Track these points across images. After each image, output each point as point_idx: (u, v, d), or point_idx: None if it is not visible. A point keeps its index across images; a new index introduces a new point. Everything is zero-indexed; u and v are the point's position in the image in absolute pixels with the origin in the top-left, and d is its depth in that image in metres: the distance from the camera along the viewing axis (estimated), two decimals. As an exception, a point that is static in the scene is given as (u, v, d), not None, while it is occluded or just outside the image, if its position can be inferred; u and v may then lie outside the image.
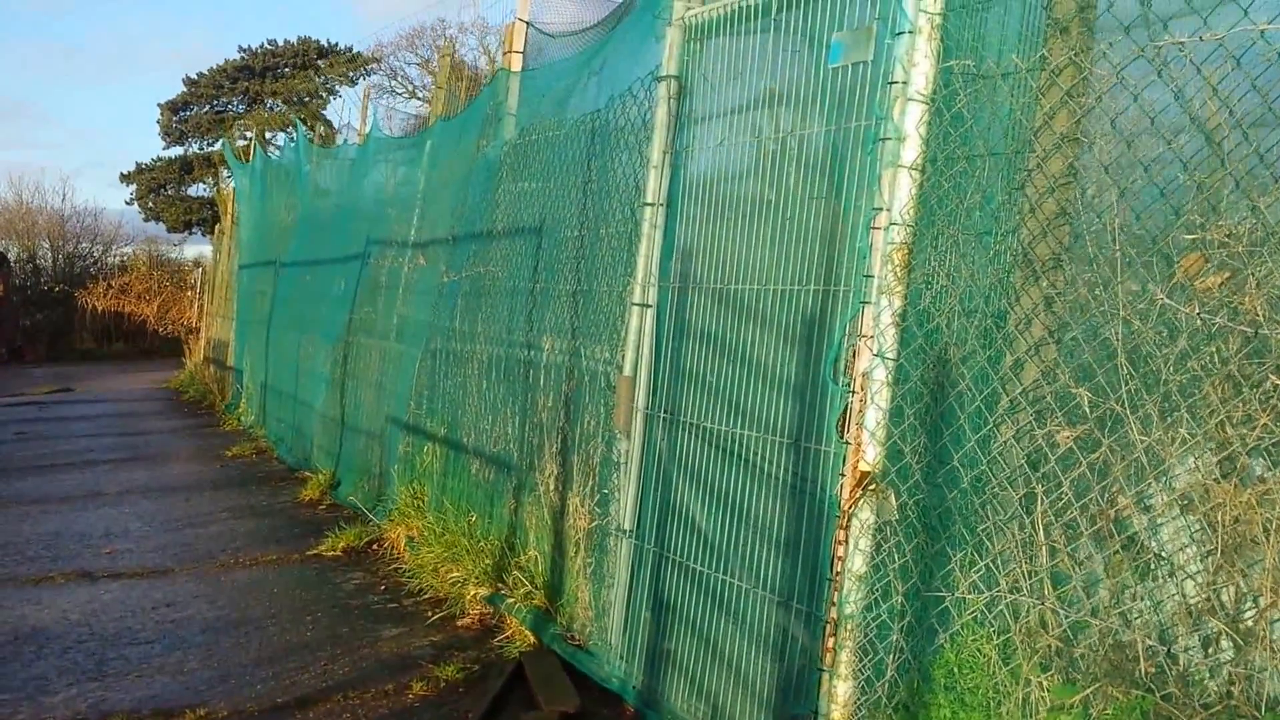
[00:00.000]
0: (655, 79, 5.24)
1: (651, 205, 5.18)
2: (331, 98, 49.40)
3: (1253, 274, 2.96)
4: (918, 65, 3.84)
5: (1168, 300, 3.08)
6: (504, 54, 7.60)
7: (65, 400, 19.84)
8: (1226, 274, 3.04)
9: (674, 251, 5.10)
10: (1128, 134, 3.29)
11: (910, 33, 3.86)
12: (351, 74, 49.58)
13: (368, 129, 11.37)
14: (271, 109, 47.97)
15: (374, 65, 50.44)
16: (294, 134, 14.03)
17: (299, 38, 47.50)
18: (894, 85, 3.90)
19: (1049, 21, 3.56)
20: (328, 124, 48.95)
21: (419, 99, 51.49)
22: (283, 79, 47.32)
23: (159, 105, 46.36)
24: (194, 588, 7.20)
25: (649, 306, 5.17)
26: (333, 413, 10.61)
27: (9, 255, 35.25)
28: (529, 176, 6.83)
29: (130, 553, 8.15)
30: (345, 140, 13.53)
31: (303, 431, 11.85)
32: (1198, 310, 3.03)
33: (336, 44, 48.00)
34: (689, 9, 5.13)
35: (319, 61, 48.17)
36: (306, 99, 48.79)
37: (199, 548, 8.33)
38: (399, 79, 51.91)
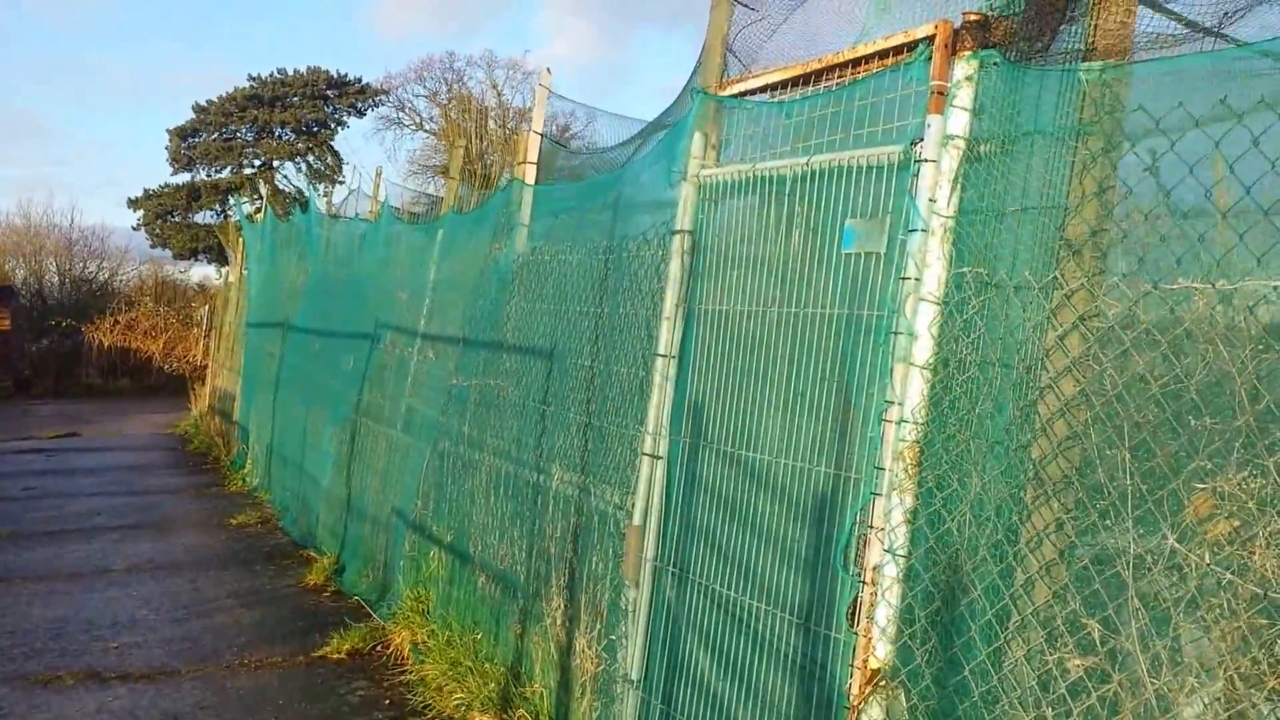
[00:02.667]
0: (670, 231, 5.30)
1: (664, 357, 5.22)
2: (340, 129, 49.70)
3: (1263, 529, 2.99)
4: (930, 266, 3.90)
5: (1177, 545, 3.12)
6: (518, 164, 7.67)
7: (72, 447, 19.88)
8: (1237, 523, 3.07)
9: (685, 404, 5.14)
10: (1141, 366, 3.33)
11: (923, 231, 3.92)
12: (360, 105, 49.92)
13: (380, 205, 11.45)
14: (280, 138, 48.26)
15: (383, 96, 50.76)
16: (304, 172, 14.11)
17: (309, 68, 47.88)
18: (906, 281, 3.96)
19: (1061, 241, 3.61)
20: (335, 155, 49.25)
21: (426, 130, 51.75)
22: (291, 108, 47.63)
23: (168, 131, 46.65)
24: (200, 695, 7.21)
25: (659, 458, 5.21)
26: (338, 493, 10.64)
27: (15, 279, 35.41)
28: (541, 297, 6.88)
29: (137, 648, 8.17)
30: (356, 212, 13.61)
31: (308, 505, 11.87)
32: (1208, 561, 3.06)
33: (346, 74, 48.33)
34: (704, 167, 5.20)
35: (328, 92, 48.50)
36: (316, 129, 49.09)
37: (205, 643, 8.34)
38: (407, 110, 52.19)
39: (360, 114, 49.59)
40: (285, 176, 48.63)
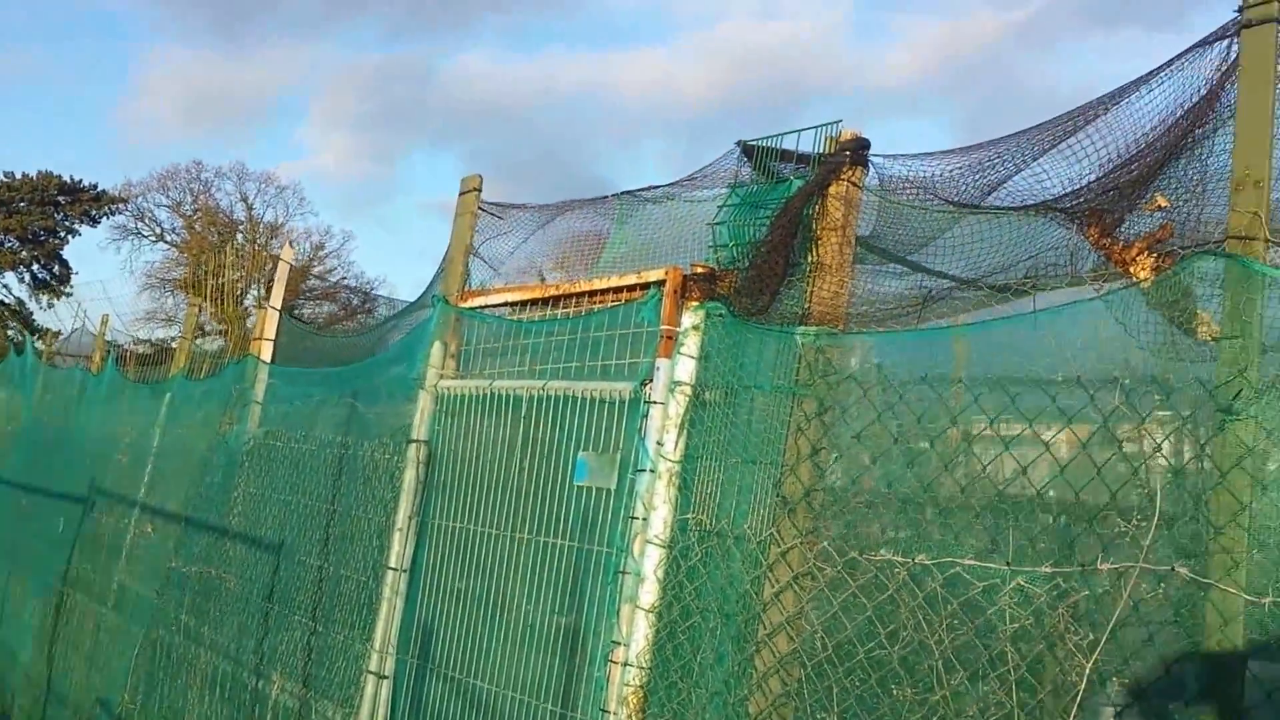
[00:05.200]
0: (407, 439, 5.19)
1: (394, 570, 5.05)
2: (72, 237, 46.87)
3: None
4: (657, 509, 3.96)
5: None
6: (254, 339, 7.39)
7: None
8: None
9: (415, 622, 4.97)
10: (850, 631, 3.46)
11: (651, 472, 3.99)
12: (94, 213, 47.22)
13: (104, 361, 10.75)
14: (4, 245, 45.01)
15: (120, 205, 48.17)
16: (27, 282, 13.10)
17: (39, 172, 45.06)
18: (635, 521, 4.00)
19: (778, 498, 3.76)
20: (64, 264, 46.21)
21: (167, 242, 49.37)
22: (18, 214, 44.60)
23: (-126, 232, 42.71)
24: None
25: (385, 678, 4.98)
26: (38, 671, 9.63)
27: None
28: (272, 485, 6.57)
29: None
30: (78, 363, 12.72)
31: (3, 679, 10.68)
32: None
33: (80, 180, 45.73)
34: (443, 377, 5.15)
35: (60, 198, 45.75)
36: (44, 236, 46.09)
37: None
38: (147, 220, 49.66)
39: (94, 222, 46.90)
40: (5, 286, 45.28)
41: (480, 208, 5.42)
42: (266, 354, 7.23)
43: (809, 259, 3.82)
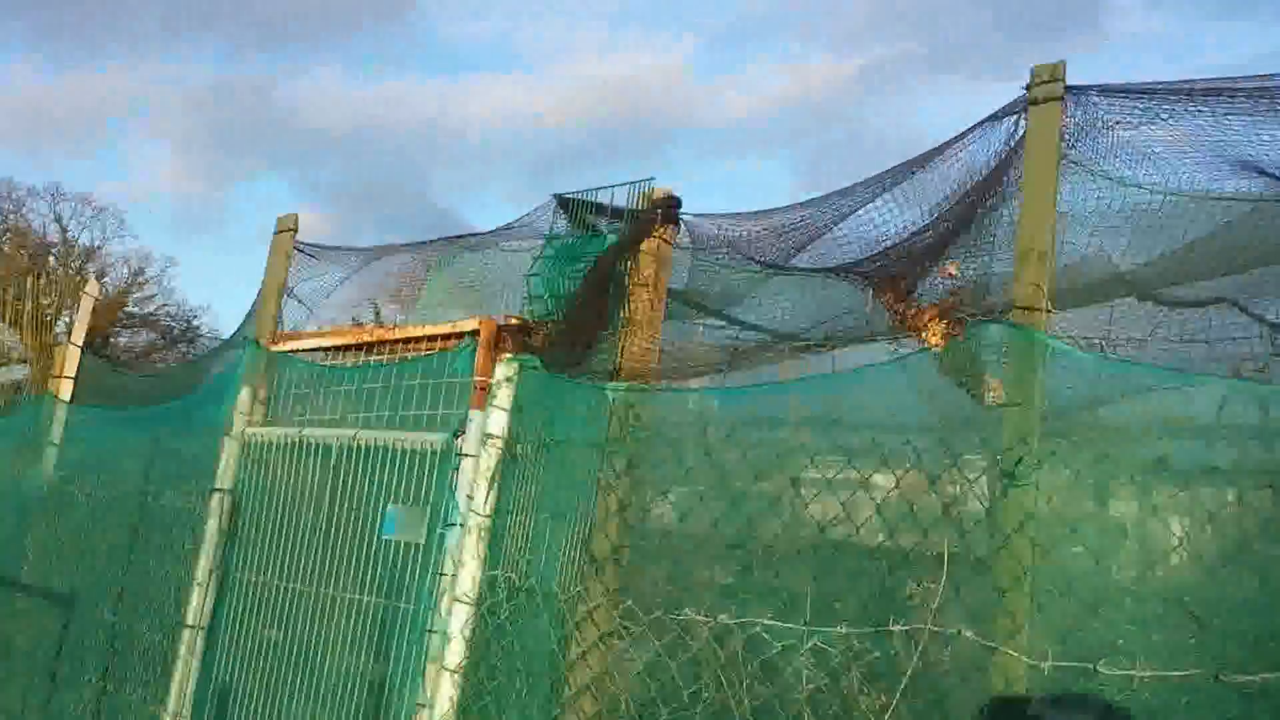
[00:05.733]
0: (211, 488, 4.95)
1: (191, 628, 4.80)
2: None
3: None
4: (465, 565, 3.87)
5: None
6: (53, 377, 6.96)
7: None
8: None
9: (212, 683, 4.72)
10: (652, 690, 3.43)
11: (461, 527, 3.90)
12: None
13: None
14: None
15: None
16: None
17: None
18: (443, 578, 3.90)
19: (586, 555, 3.72)
20: None
21: (-34, 274, 46.43)
22: None
23: None
24: None
25: (180, 744, 4.72)
26: None
27: None
28: (67, 533, 6.18)
29: None
30: None
31: None
32: None
33: None
34: (250, 423, 4.94)
35: None
36: None
37: None
38: (-55, 247, 46.71)
39: None
40: None
41: (296, 247, 5.24)
42: (66, 392, 6.82)
43: (621, 314, 3.81)
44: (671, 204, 3.79)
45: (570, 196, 4.09)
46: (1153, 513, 2.86)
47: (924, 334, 3.23)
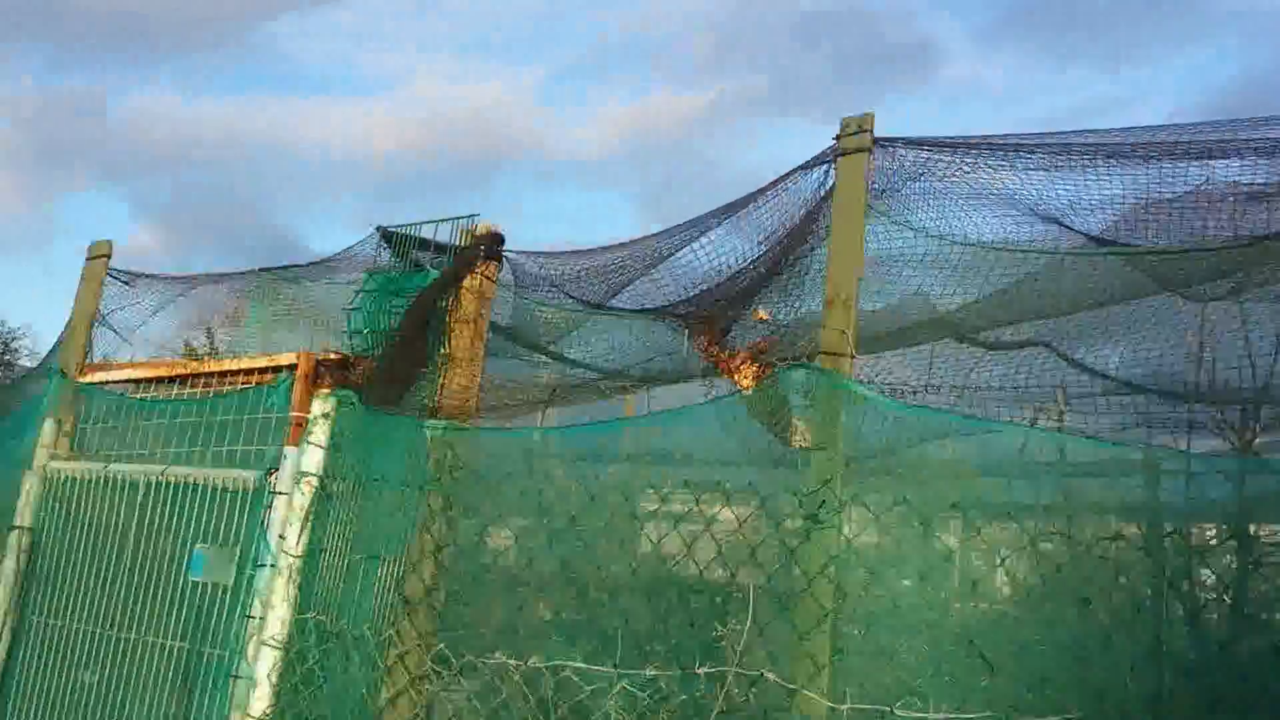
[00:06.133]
0: (9, 526, 4.67)
1: (-17, 676, 4.50)
2: None
3: None
4: (275, 608, 3.74)
5: None
6: None
7: None
8: None
9: (5, 733, 4.44)
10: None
11: (271, 568, 3.77)
12: None
13: None
14: None
15: None
16: None
17: None
18: (251, 621, 3.76)
19: (399, 597, 3.63)
20: None
21: None
22: None
23: None
24: None
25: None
26: None
27: None
28: None
29: None
30: None
31: None
32: None
33: None
34: (54, 457, 4.69)
35: None
36: None
37: None
38: None
39: None
40: None
41: (111, 275, 5.01)
42: None
43: (441, 351, 3.75)
44: (494, 241, 3.75)
45: (394, 230, 4.02)
46: (948, 556, 2.94)
47: (736, 376, 3.27)
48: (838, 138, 3.35)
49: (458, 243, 3.85)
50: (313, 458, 3.84)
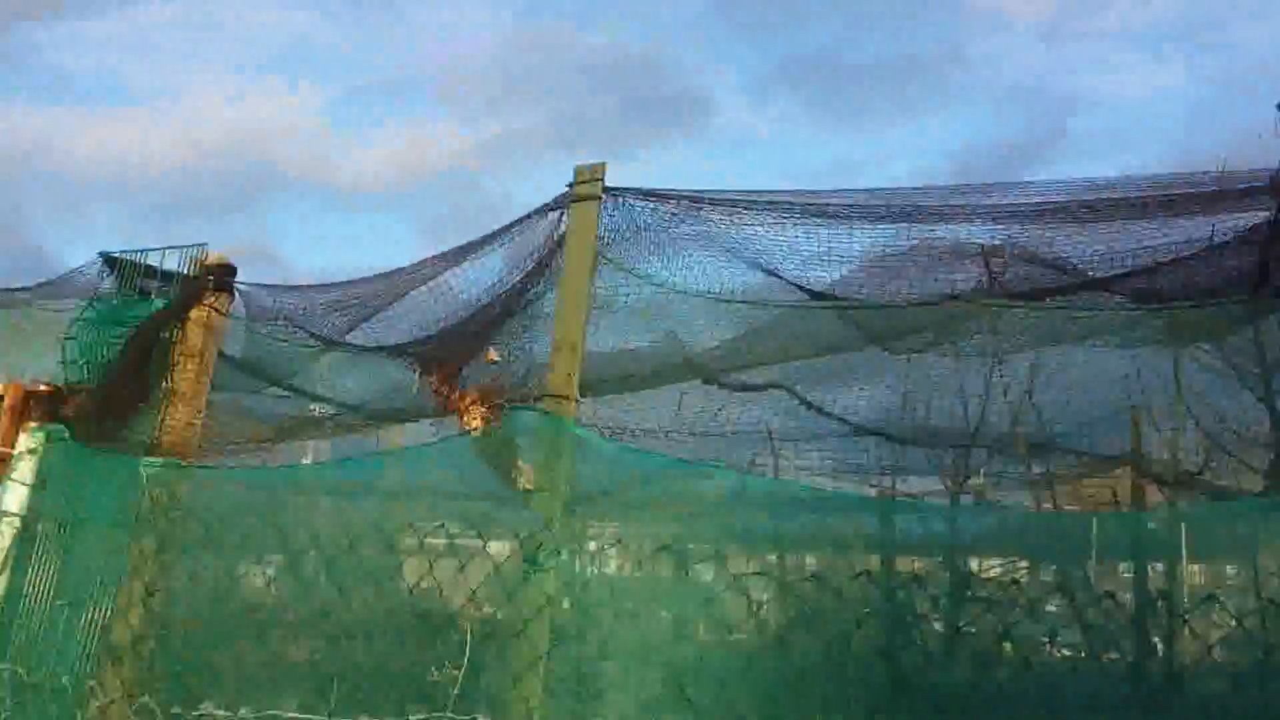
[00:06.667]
0: None
1: None
2: None
3: None
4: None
5: None
6: None
7: None
8: None
9: None
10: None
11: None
12: None
13: None
14: None
15: None
16: None
17: None
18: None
19: (102, 646, 3.44)
20: None
21: None
22: None
23: None
24: None
25: None
26: None
27: None
28: None
29: None
30: None
31: None
32: None
33: None
34: None
35: None
36: None
37: None
38: None
39: None
40: None
41: None
42: None
43: (163, 385, 3.59)
44: (225, 272, 3.64)
45: (119, 256, 3.84)
46: (654, 598, 3.02)
47: (465, 418, 3.28)
48: (571, 185, 3.42)
49: (186, 272, 3.71)
50: (16, 496, 3.61)
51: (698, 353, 4.58)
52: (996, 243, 3.69)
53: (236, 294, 3.70)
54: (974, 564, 3.68)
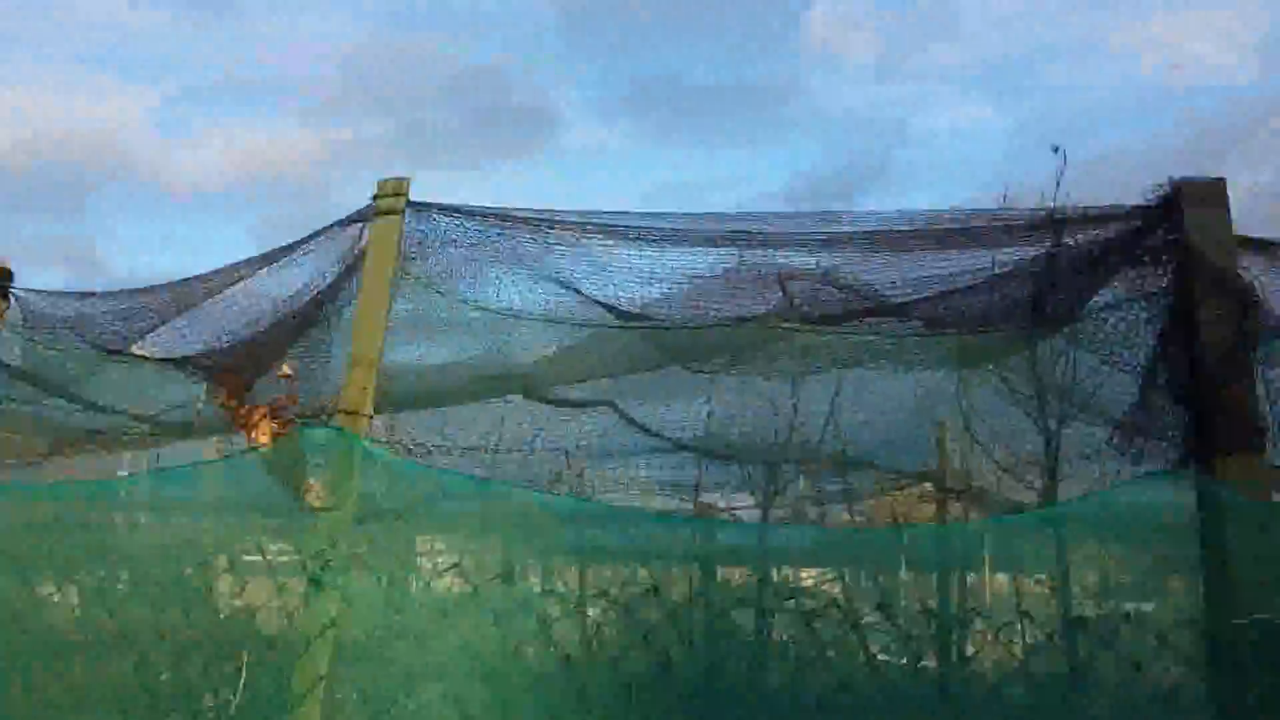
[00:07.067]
0: None
1: None
2: None
3: None
4: None
5: None
6: None
7: None
8: None
9: None
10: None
11: None
12: None
13: None
14: None
15: None
16: None
17: None
18: None
19: None
20: None
21: None
22: None
23: None
24: None
25: None
26: None
27: None
28: None
29: None
30: None
31: None
32: None
33: None
34: None
35: None
36: None
37: None
38: None
39: None
40: None
41: None
42: None
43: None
44: (1, 277, 3.46)
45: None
46: (443, 619, 2.99)
47: (254, 433, 3.19)
48: (374, 198, 3.36)
49: (-44, 276, 3.51)
50: None
51: (513, 368, 4.56)
52: (812, 268, 3.78)
53: (12, 299, 3.51)
54: (775, 574, 3.77)
